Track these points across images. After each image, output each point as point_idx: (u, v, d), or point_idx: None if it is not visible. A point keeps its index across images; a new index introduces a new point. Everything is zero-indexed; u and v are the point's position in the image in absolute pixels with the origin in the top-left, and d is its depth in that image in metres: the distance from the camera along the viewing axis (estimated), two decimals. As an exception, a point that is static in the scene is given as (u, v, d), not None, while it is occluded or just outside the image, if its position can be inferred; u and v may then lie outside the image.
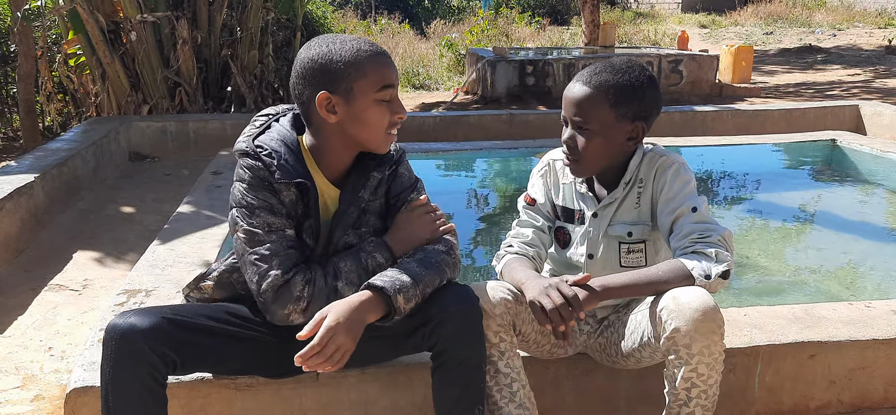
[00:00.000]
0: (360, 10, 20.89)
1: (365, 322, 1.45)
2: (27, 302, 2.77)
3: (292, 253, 1.51)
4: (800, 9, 18.14)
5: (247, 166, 1.53)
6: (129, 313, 1.44)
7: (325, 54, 1.50)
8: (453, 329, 1.49)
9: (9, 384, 2.17)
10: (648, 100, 1.68)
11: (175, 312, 1.50)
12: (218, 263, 1.69)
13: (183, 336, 1.46)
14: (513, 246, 1.81)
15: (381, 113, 1.53)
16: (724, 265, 1.56)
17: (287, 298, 1.48)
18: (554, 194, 1.84)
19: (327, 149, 1.57)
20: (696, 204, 1.64)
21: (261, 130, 1.59)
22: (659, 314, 1.53)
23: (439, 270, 1.55)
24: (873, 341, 1.93)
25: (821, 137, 5.13)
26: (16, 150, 6.91)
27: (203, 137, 5.40)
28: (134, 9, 5.73)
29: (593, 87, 1.65)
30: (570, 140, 1.69)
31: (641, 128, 1.69)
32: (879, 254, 3.56)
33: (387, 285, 1.46)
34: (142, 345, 1.39)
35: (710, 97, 8.59)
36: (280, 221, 1.52)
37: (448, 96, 9.45)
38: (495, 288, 1.63)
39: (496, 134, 5.65)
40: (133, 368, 1.39)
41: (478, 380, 1.55)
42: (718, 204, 4.45)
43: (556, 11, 20.75)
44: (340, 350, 1.40)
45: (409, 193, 1.66)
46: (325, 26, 10.55)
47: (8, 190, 3.29)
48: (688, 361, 1.50)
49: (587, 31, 11.05)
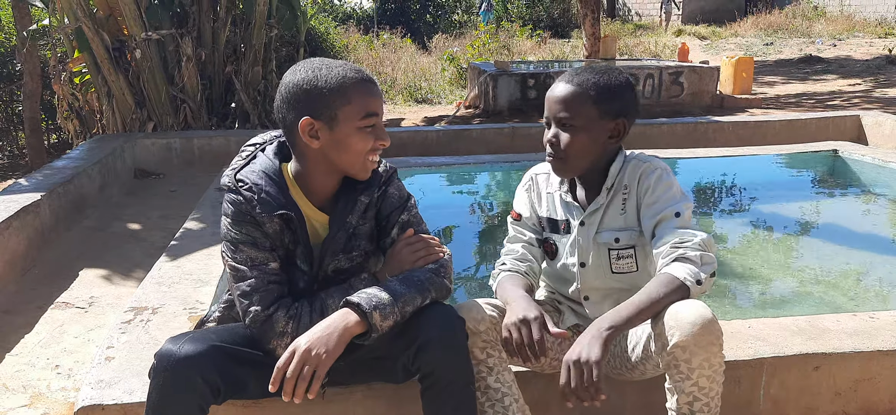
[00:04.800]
0: (362, 26, 21.00)
1: (344, 339, 1.43)
2: (34, 320, 2.78)
3: (274, 288, 1.52)
4: (800, 19, 18.18)
5: (230, 201, 1.55)
6: (180, 339, 1.44)
7: (310, 80, 1.50)
8: (436, 353, 1.48)
9: (16, 403, 2.17)
10: (628, 99, 1.73)
11: (220, 338, 1.50)
12: (216, 305, 1.72)
13: (226, 363, 1.46)
14: (506, 263, 1.83)
15: (364, 140, 1.52)
16: (710, 267, 1.59)
17: (271, 334, 1.50)
18: (538, 206, 1.87)
19: (311, 174, 1.58)
20: (680, 209, 1.66)
21: (246, 160, 1.60)
22: (659, 329, 1.54)
23: (422, 289, 1.53)
24: (878, 352, 1.93)
25: (822, 147, 5.14)
26: (21, 168, 6.94)
27: (208, 154, 5.43)
28: (139, 27, 5.79)
29: (577, 85, 1.70)
30: (553, 139, 1.72)
31: (623, 125, 1.72)
32: (883, 264, 3.55)
33: (363, 302, 1.45)
34: (195, 375, 1.39)
35: (711, 108, 8.61)
36: (263, 255, 1.53)
37: (450, 110, 9.48)
38: (481, 306, 1.64)
39: (498, 147, 5.67)
40: (184, 398, 1.39)
41: (468, 398, 1.54)
42: (721, 215, 4.46)
43: (557, 25, 20.84)
44: (310, 366, 1.38)
45: (399, 213, 1.65)
46: (328, 42, 10.62)
47: (14, 208, 3.31)
48: (688, 375, 1.50)
49: (588, 44, 11.09)
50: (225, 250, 1.57)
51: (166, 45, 6.01)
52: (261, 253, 1.53)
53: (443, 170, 4.99)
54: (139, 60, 5.88)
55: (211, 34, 6.22)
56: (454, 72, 12.12)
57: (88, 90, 6.37)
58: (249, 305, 1.51)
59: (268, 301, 1.51)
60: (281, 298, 1.53)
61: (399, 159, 4.74)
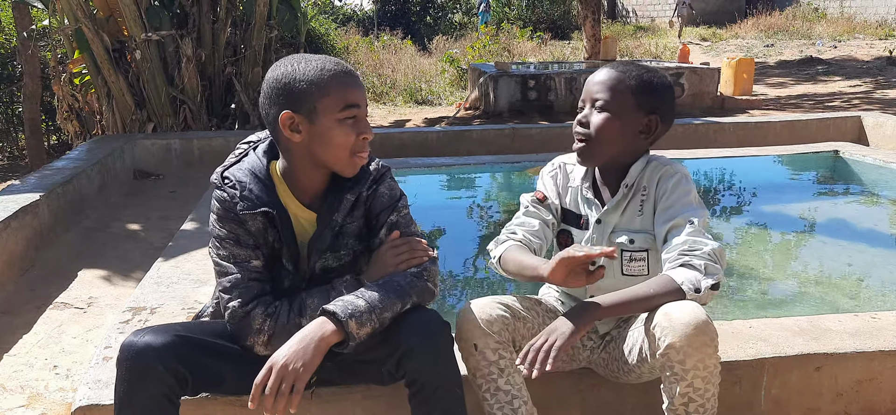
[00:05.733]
0: (362, 27, 21.02)
1: (321, 349, 1.42)
2: (32, 320, 2.77)
3: (254, 285, 1.53)
4: (800, 21, 18.18)
5: (216, 198, 1.57)
6: (143, 331, 1.45)
7: (288, 74, 1.50)
8: (420, 360, 1.46)
9: (14, 403, 2.16)
10: (667, 100, 1.74)
11: (187, 330, 1.51)
12: (210, 301, 1.72)
13: (194, 355, 1.46)
14: (517, 233, 1.79)
15: (345, 133, 1.51)
16: (713, 278, 1.56)
17: (247, 330, 1.51)
18: (562, 196, 1.85)
19: (297, 171, 1.57)
20: (694, 217, 1.64)
21: (238, 158, 1.61)
22: (652, 331, 1.52)
23: (402, 295, 1.51)
24: (880, 353, 1.92)
25: (823, 148, 5.13)
26: (21, 169, 6.94)
27: (207, 154, 5.42)
28: (139, 28, 5.78)
29: (620, 71, 1.72)
30: (584, 118, 1.73)
31: (656, 122, 1.72)
32: (884, 264, 3.54)
33: (339, 310, 1.44)
34: (156, 364, 1.39)
35: (711, 110, 8.61)
36: (245, 252, 1.54)
37: (450, 111, 9.48)
38: (491, 306, 1.62)
39: (499, 149, 5.66)
40: (148, 386, 1.39)
41: (456, 401, 1.52)
42: (722, 216, 4.45)
43: (558, 26, 20.84)
44: (288, 382, 1.37)
45: (388, 213, 1.63)
46: (328, 43, 10.63)
47: (13, 209, 3.30)
48: (683, 376, 1.49)
49: (588, 46, 11.09)
50: (210, 247, 1.59)
51: (166, 46, 6.00)
52: (243, 250, 1.54)
53: (443, 171, 4.98)
54: (139, 61, 5.87)
55: (211, 35, 6.21)
56: (454, 73, 12.12)
57: (88, 91, 6.36)
58: (229, 301, 1.52)
59: (247, 298, 1.51)
60: (261, 295, 1.53)
61: (399, 160, 4.75)
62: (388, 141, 5.72)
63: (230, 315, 1.52)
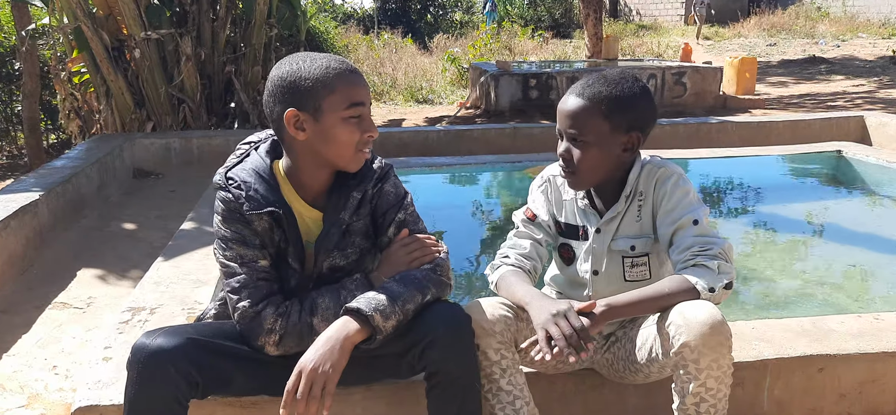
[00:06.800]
0: (362, 26, 21.01)
1: (347, 348, 1.43)
2: (31, 320, 2.76)
3: (263, 285, 1.52)
4: (803, 20, 18.17)
5: (220, 199, 1.56)
6: (155, 332, 1.44)
7: (293, 72, 1.50)
8: (443, 351, 1.47)
9: (13, 403, 2.16)
10: (642, 110, 1.67)
11: (198, 332, 1.50)
12: (213, 303, 1.71)
13: (205, 358, 1.46)
14: (509, 257, 1.79)
15: (350, 131, 1.51)
16: (726, 278, 1.56)
17: (258, 331, 1.50)
18: (556, 211, 1.83)
19: (301, 170, 1.57)
20: (697, 216, 1.63)
21: (240, 159, 1.60)
22: (667, 329, 1.52)
23: (421, 287, 1.52)
24: (883, 354, 1.91)
25: (826, 147, 5.12)
26: (20, 168, 6.94)
27: (207, 154, 5.41)
28: (138, 26, 5.77)
29: (587, 99, 1.64)
30: (565, 153, 1.68)
31: (637, 138, 1.68)
32: (888, 265, 3.53)
33: (363, 306, 1.45)
34: (168, 367, 1.39)
35: (714, 109, 8.60)
36: (252, 253, 1.53)
37: (452, 110, 9.47)
38: (494, 305, 1.61)
39: (500, 148, 5.65)
40: (158, 389, 1.39)
41: (473, 398, 1.53)
42: (725, 216, 4.43)
43: (559, 25, 20.84)
44: (318, 385, 1.38)
45: (395, 211, 1.63)
46: (328, 42, 10.62)
47: (12, 208, 3.29)
48: (696, 375, 1.49)
49: (590, 44, 11.08)
50: (216, 249, 1.57)
51: (166, 45, 5.99)
52: (250, 251, 1.53)
53: (444, 170, 4.97)
54: (138, 60, 5.86)
55: (210, 34, 6.20)
56: (455, 72, 12.11)
57: (87, 90, 6.36)
58: (238, 302, 1.51)
59: (257, 298, 1.50)
60: (270, 295, 1.53)
61: (400, 159, 4.73)
62: (389, 140, 5.71)
63: (240, 316, 1.50)
